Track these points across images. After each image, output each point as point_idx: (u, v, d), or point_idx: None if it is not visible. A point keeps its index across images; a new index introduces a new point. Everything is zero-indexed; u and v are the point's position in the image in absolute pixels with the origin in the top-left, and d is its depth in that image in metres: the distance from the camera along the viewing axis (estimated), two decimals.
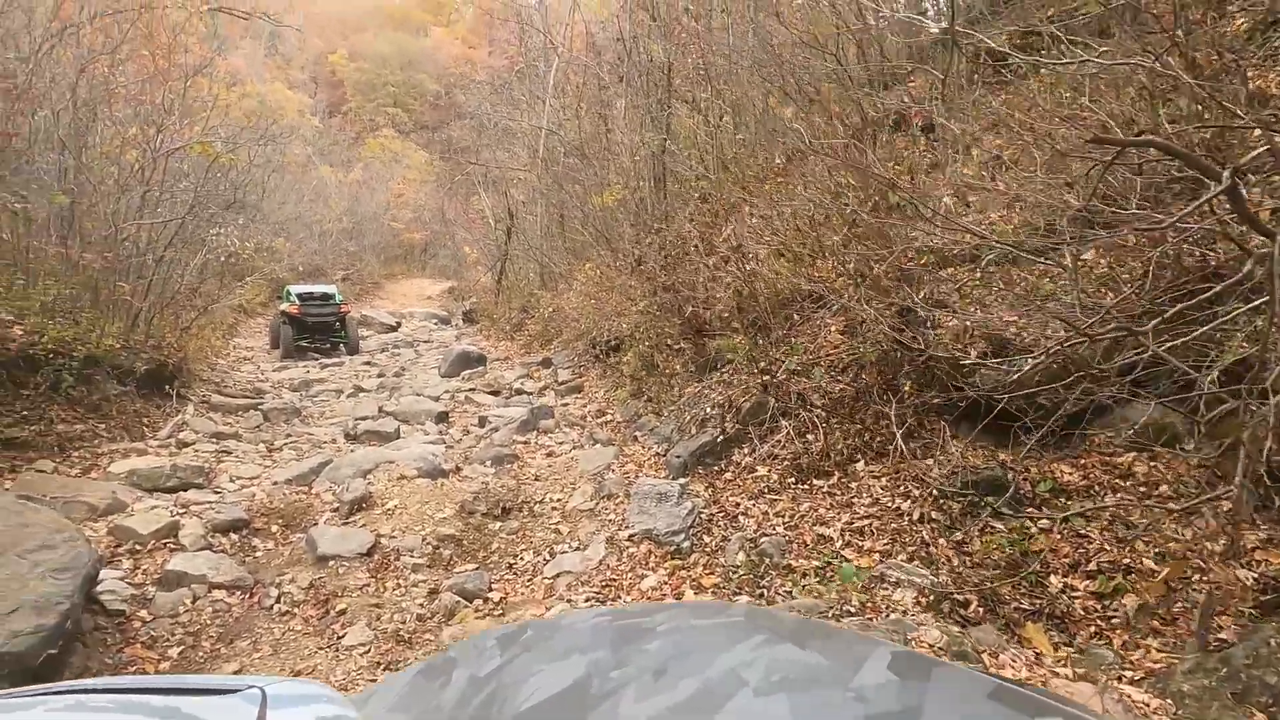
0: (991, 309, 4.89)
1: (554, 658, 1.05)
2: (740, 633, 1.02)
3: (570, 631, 1.14)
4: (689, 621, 1.10)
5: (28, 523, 3.83)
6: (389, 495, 5.92)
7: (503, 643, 1.17)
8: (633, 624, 1.11)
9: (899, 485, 4.66)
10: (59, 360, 7.39)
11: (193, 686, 1.16)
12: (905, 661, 0.92)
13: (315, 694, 1.14)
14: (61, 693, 1.06)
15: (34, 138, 8.96)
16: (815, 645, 0.98)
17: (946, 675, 0.89)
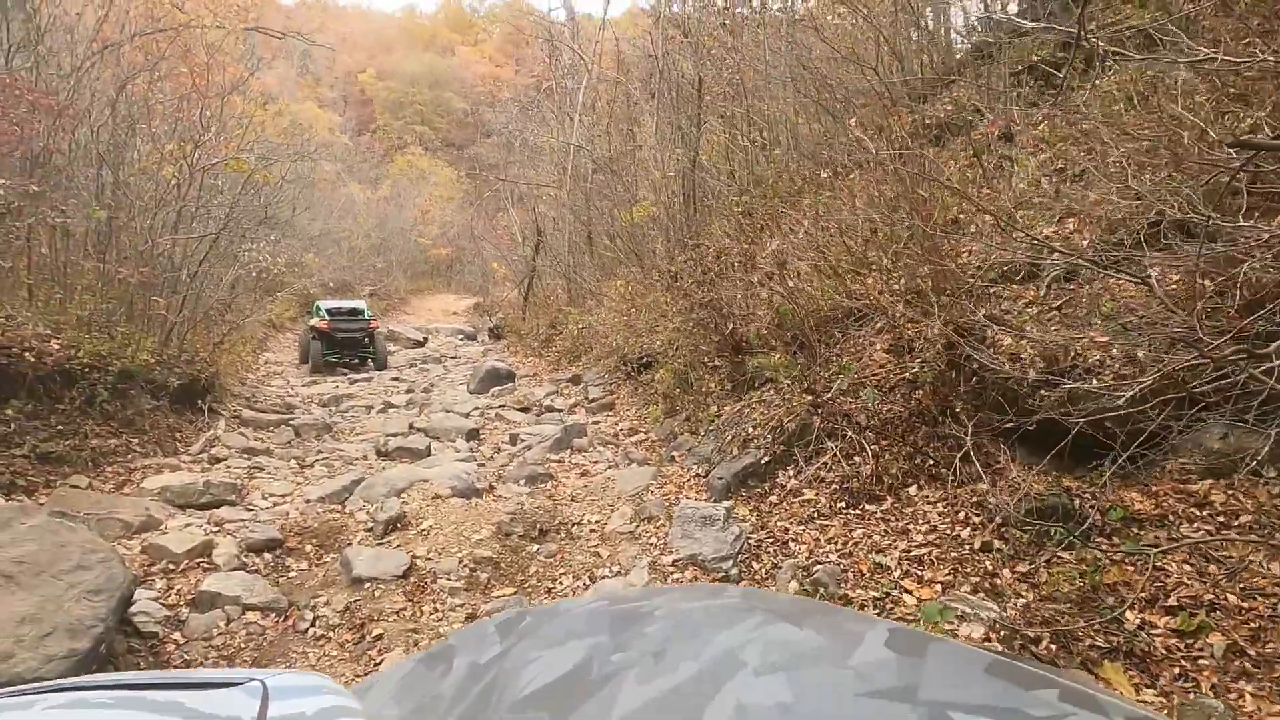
0: (1055, 326, 4.68)
1: (553, 643, 1.06)
2: (738, 614, 1.03)
3: (569, 617, 1.14)
4: (686, 604, 1.11)
5: (64, 542, 3.74)
6: (424, 515, 5.79)
7: (502, 630, 1.18)
8: (631, 608, 1.11)
9: (957, 511, 4.45)
10: (94, 374, 7.39)
11: (193, 681, 1.13)
12: (902, 638, 0.92)
13: (316, 685, 1.11)
14: (61, 690, 1.03)
15: (74, 153, 9.04)
16: (813, 624, 0.98)
17: (943, 650, 0.89)
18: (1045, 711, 0.76)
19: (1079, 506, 4.13)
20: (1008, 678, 0.83)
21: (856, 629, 0.96)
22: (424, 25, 59.84)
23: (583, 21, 24.65)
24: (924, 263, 5.36)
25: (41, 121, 7.96)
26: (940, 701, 0.77)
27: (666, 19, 14.92)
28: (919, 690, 0.79)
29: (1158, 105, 4.12)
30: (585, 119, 19.86)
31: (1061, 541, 4.00)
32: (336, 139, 36.12)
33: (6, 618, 3.34)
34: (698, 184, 12.16)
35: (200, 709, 0.96)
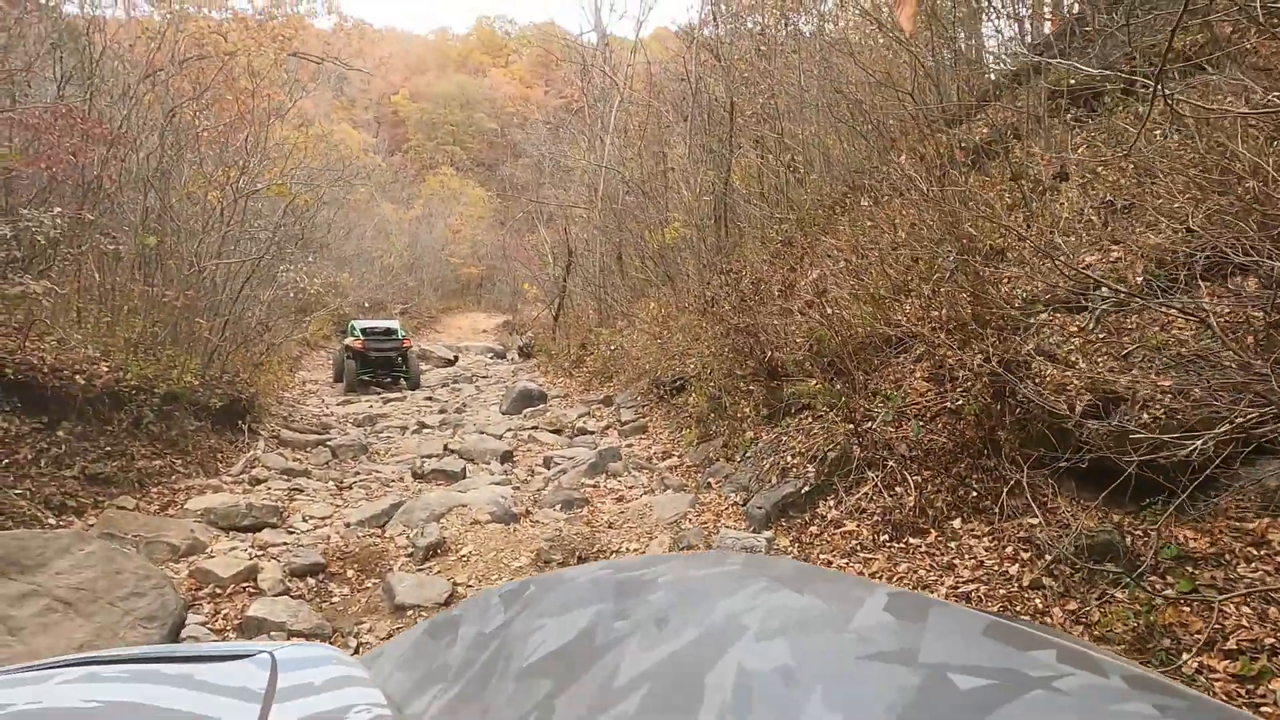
0: (1102, 359, 4.62)
1: (558, 612, 1.07)
2: (740, 581, 1.04)
3: (572, 586, 1.15)
4: (689, 572, 1.12)
5: (120, 569, 3.82)
6: (463, 541, 5.82)
7: (506, 599, 1.19)
8: (634, 576, 1.12)
9: (1004, 546, 4.39)
10: (141, 396, 7.55)
11: (203, 654, 1.16)
12: (902, 602, 0.93)
13: (325, 656, 1.14)
14: (73, 664, 1.04)
15: (123, 180, 9.29)
16: (814, 590, 0.99)
17: (942, 613, 0.91)
18: (1043, 671, 0.77)
19: (1131, 544, 4.06)
20: (1006, 639, 0.84)
21: (857, 594, 0.97)
22: (456, 47, 60.81)
23: (614, 44, 24.91)
24: (966, 291, 5.33)
25: (94, 150, 8.19)
26: (939, 664, 0.78)
27: (699, 42, 15.04)
28: (919, 653, 0.80)
29: (1209, 137, 4.08)
30: (616, 140, 20.03)
31: (1114, 580, 3.93)
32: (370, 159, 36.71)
33: (66, 645, 3.41)
34: (730, 207, 12.20)
35: (210, 680, 0.98)
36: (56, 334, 7.49)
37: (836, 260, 6.65)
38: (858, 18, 11.75)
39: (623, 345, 13.85)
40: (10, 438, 6.31)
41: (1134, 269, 4.47)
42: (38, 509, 6.00)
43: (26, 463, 6.28)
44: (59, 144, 7.72)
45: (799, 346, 7.01)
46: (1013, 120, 8.45)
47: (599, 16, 30.45)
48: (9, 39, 8.83)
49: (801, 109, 11.53)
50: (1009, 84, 9.57)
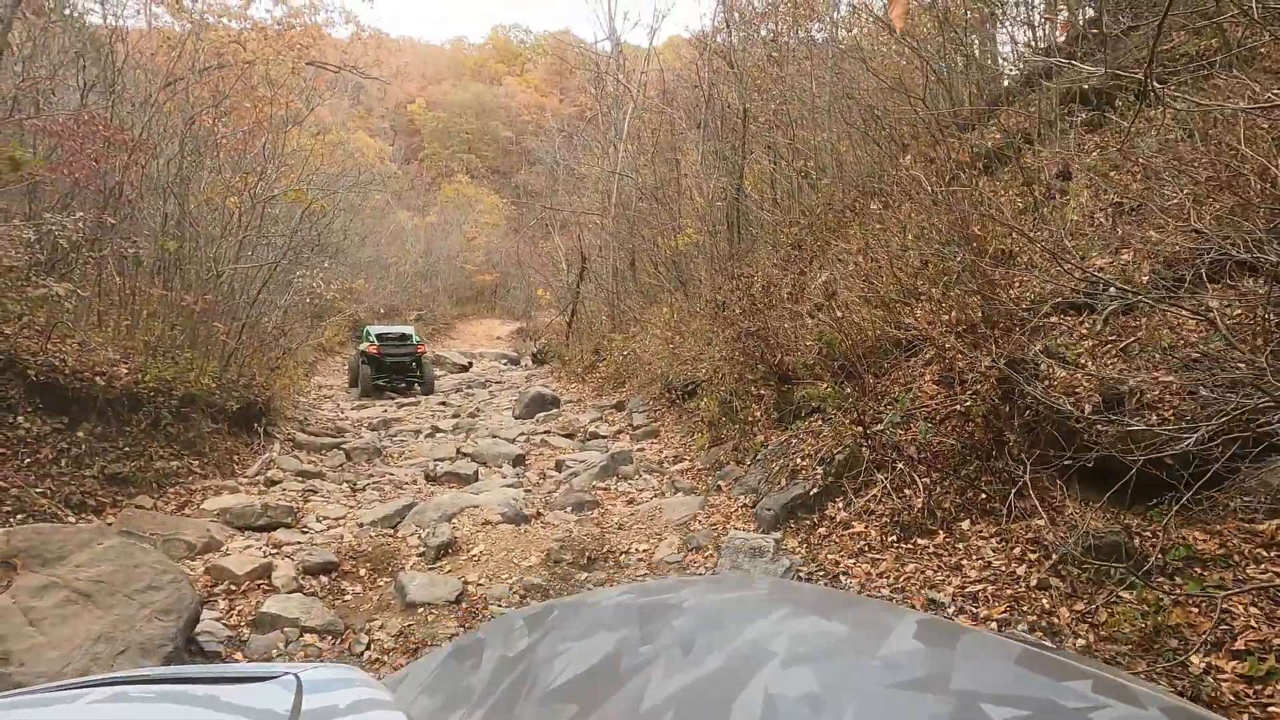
0: (1112, 361, 4.62)
1: (581, 635, 1.06)
2: (765, 606, 1.03)
3: (596, 609, 1.14)
4: (713, 596, 1.11)
5: (137, 563, 3.89)
6: (474, 541, 5.88)
7: (530, 623, 1.19)
8: (658, 600, 1.11)
9: (1012, 547, 4.39)
10: (159, 399, 7.66)
11: (230, 675, 1.17)
12: (932, 629, 0.91)
13: (349, 678, 1.15)
14: (103, 684, 1.06)
15: (144, 186, 9.45)
16: (840, 615, 0.98)
17: (973, 641, 0.89)
18: (1078, 702, 0.75)
19: (1139, 545, 4.05)
20: (1040, 669, 0.82)
21: (885, 620, 0.96)
22: (472, 56, 61.28)
23: (627, 51, 25.05)
24: (975, 294, 5.34)
25: (116, 156, 8.34)
26: (971, 692, 0.77)
27: (712, 49, 15.12)
28: (949, 680, 0.79)
29: (1217, 139, 4.08)
30: (629, 147, 20.13)
31: (1121, 581, 3.93)
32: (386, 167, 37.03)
33: (85, 636, 3.48)
34: (742, 212, 12.24)
35: (236, 702, 1.00)
36: (78, 336, 7.63)
37: (846, 264, 6.67)
38: (870, 25, 11.79)
39: (635, 351, 13.90)
40: (32, 437, 6.43)
41: (1141, 269, 4.48)
42: (58, 507, 6.11)
43: (47, 462, 6.40)
44: (82, 150, 7.87)
45: (809, 350, 7.03)
46: (1024, 125, 8.46)
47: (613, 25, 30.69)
48: (34, 49, 9.02)
49: (814, 115, 11.57)
50: (1021, 89, 9.57)
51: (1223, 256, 3.69)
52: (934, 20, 9.53)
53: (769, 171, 12.46)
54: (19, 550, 3.68)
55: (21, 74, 8.40)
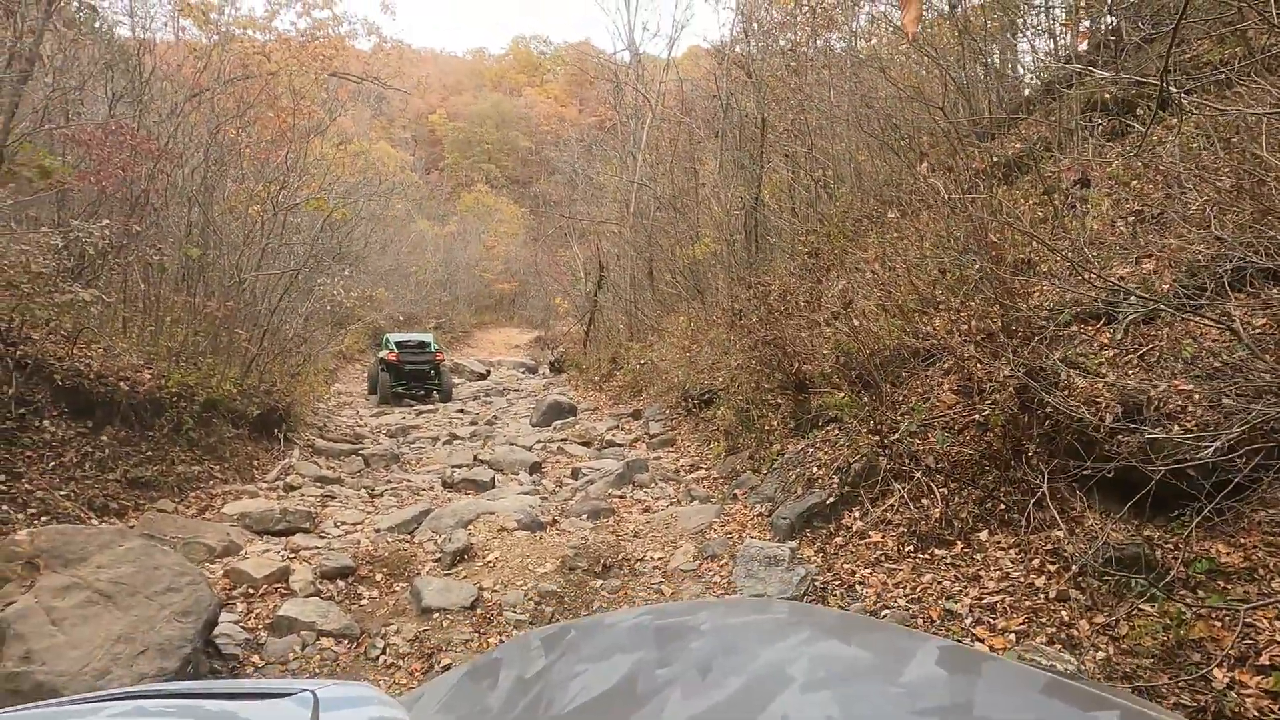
0: (1133, 370, 4.57)
1: (598, 657, 1.05)
2: (784, 629, 1.02)
3: (613, 631, 1.13)
4: (732, 619, 1.09)
5: (157, 565, 3.94)
6: (490, 547, 5.89)
7: (547, 644, 1.18)
8: (676, 623, 1.10)
9: (1031, 558, 4.34)
10: (182, 404, 7.77)
11: (247, 691, 1.18)
12: (954, 656, 0.90)
13: (366, 696, 1.15)
14: (121, 698, 1.07)
15: (169, 194, 9.60)
16: (861, 640, 0.97)
17: (997, 669, 0.87)
18: None
19: (1160, 557, 3.99)
20: (1067, 698, 0.81)
21: (907, 645, 0.95)
22: (492, 67, 61.81)
23: (646, 62, 25.17)
24: (994, 303, 5.30)
25: (142, 165, 8.49)
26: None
27: (731, 59, 15.15)
28: (972, 709, 0.77)
29: (1239, 147, 4.04)
30: (648, 157, 20.20)
31: (1143, 593, 3.87)
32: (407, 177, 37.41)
33: (105, 636, 3.53)
34: (760, 221, 12.23)
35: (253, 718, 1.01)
36: (103, 342, 7.75)
37: (863, 272, 6.65)
38: (889, 34, 11.78)
39: (652, 359, 13.90)
40: (57, 441, 6.54)
41: (1162, 278, 4.43)
42: (81, 510, 6.21)
43: (72, 465, 6.50)
44: (109, 159, 8.01)
45: (826, 359, 7.00)
46: (1045, 134, 8.40)
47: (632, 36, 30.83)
48: (65, 59, 9.20)
49: (832, 124, 11.56)
50: (1041, 97, 9.51)
51: (1245, 264, 3.64)
52: (954, 29, 9.51)
53: (787, 181, 12.45)
54: (42, 550, 3.74)
55: (52, 84, 8.57)
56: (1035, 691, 0.82)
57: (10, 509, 5.72)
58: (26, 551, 3.72)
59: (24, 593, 3.60)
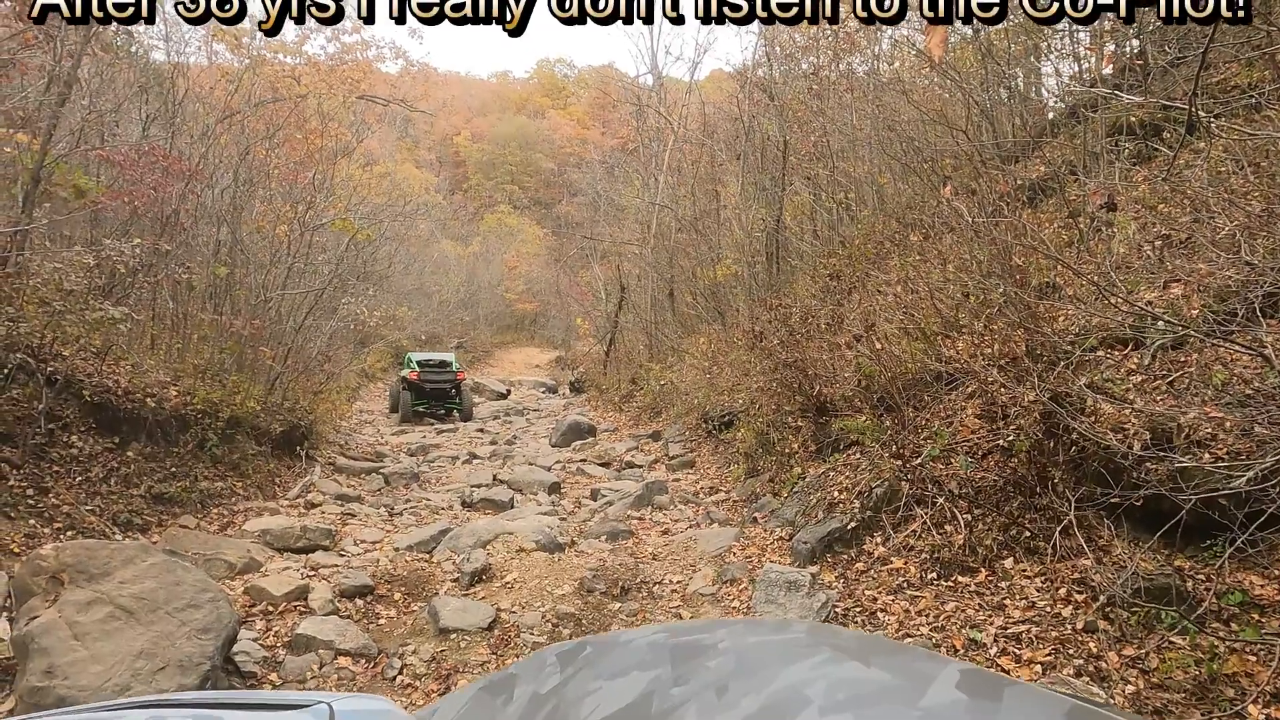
0: (1161, 397, 4.49)
1: (614, 674, 1.04)
2: (803, 650, 1.00)
3: (629, 648, 1.12)
4: (750, 639, 1.08)
5: (179, 581, 3.97)
6: (508, 568, 5.88)
7: (563, 660, 1.17)
8: (692, 641, 1.09)
9: (1057, 588, 4.26)
10: (206, 420, 7.85)
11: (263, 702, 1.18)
12: (975, 680, 0.89)
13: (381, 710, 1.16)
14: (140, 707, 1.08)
15: (199, 214, 9.78)
16: (881, 662, 0.95)
17: (1019, 694, 0.86)
18: None
19: (1191, 588, 3.90)
20: None
21: (927, 669, 0.93)
22: (516, 90, 62.57)
23: (669, 85, 25.37)
24: (1018, 327, 5.25)
25: (173, 185, 8.66)
26: None
27: (753, 82, 15.24)
28: None
29: (1270, 171, 3.99)
30: (670, 179, 20.30)
31: (1173, 625, 3.78)
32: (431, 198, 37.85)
33: (126, 651, 3.55)
34: (781, 243, 12.23)
35: None
36: (131, 358, 7.87)
37: (886, 295, 6.61)
38: (912, 58, 11.80)
39: (673, 381, 13.88)
40: (84, 456, 6.63)
41: (1191, 303, 4.36)
42: (106, 525, 6.28)
43: (98, 480, 6.58)
44: (142, 180, 8.19)
45: (848, 382, 6.95)
46: (1070, 158, 8.35)
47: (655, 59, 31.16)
48: (101, 83, 9.44)
49: (854, 147, 11.57)
50: (1066, 121, 9.46)
51: (1276, 290, 3.58)
52: (977, 53, 9.51)
53: (808, 203, 12.46)
54: (67, 565, 3.78)
55: (89, 106, 8.78)
56: (1059, 717, 0.81)
57: (37, 523, 5.80)
58: (52, 566, 3.76)
59: (48, 607, 3.63)
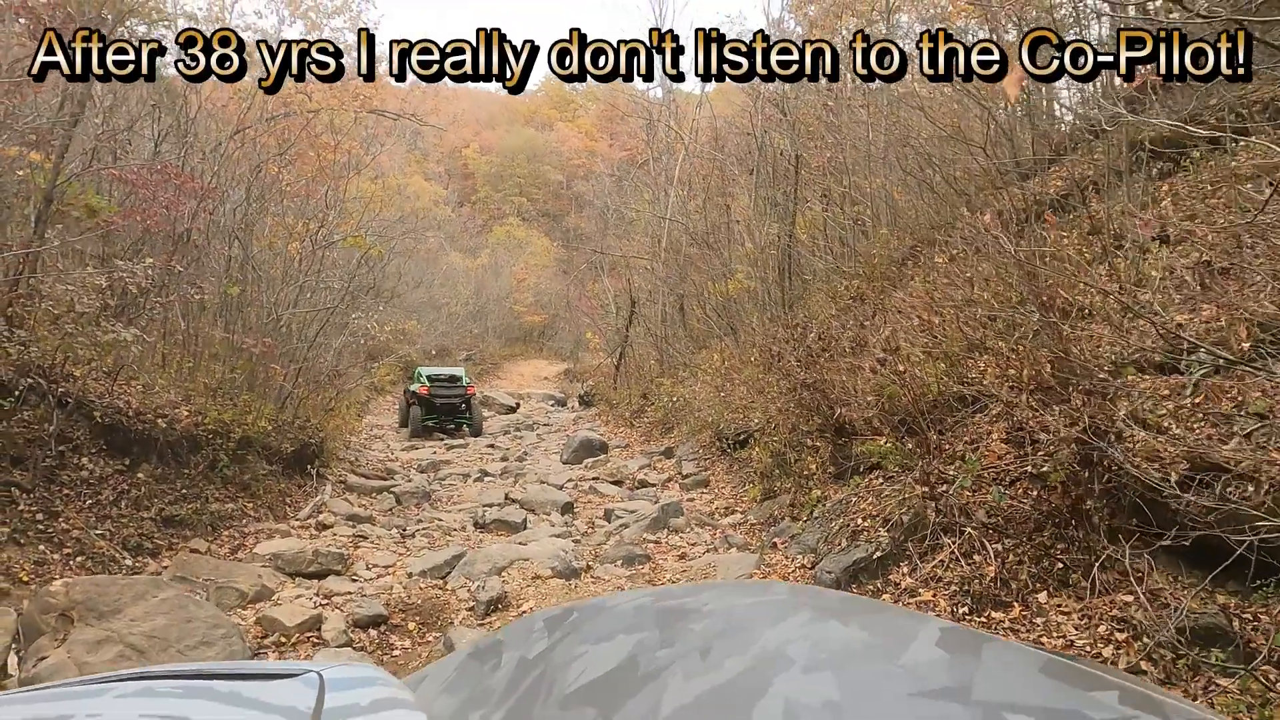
0: (1199, 425, 4.36)
1: (600, 639, 1.06)
2: (785, 611, 1.03)
3: (615, 613, 1.14)
4: (733, 601, 1.10)
5: (191, 617, 3.87)
6: (524, 596, 5.76)
7: (550, 625, 1.19)
8: (677, 604, 1.11)
9: (1095, 625, 4.11)
10: (218, 441, 7.77)
11: (254, 672, 1.18)
12: (955, 637, 0.91)
13: (371, 677, 1.15)
14: (128, 679, 1.07)
15: (211, 231, 9.73)
16: (861, 622, 0.97)
17: (997, 650, 0.88)
18: (1105, 714, 0.75)
19: (1240, 629, 3.75)
20: (1065, 678, 0.81)
21: (907, 627, 0.95)
22: (525, 103, 62.74)
23: (679, 98, 25.36)
24: (1046, 349, 5.12)
25: (186, 203, 8.61)
26: (994, 702, 0.76)
27: (764, 97, 15.18)
28: (972, 690, 0.78)
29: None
30: (680, 192, 20.24)
31: (1223, 668, 3.63)
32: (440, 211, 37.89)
33: None
34: (794, 259, 12.13)
35: (260, 698, 1.02)
36: (142, 378, 7.80)
37: (910, 317, 6.49)
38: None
39: (684, 396, 13.76)
40: (95, 478, 6.55)
41: (1237, 333, 4.23)
42: (116, 549, 6.18)
43: (108, 503, 6.50)
44: (154, 198, 8.13)
45: (868, 404, 6.82)
46: (1090, 174, 8.23)
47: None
48: (114, 100, 9.42)
49: (869, 162, 11.47)
50: (1086, 137, 9.34)
51: None
52: None
53: (821, 218, 12.36)
54: (76, 603, 3.68)
55: (102, 124, 8.75)
56: (1035, 672, 0.83)
57: (47, 549, 5.71)
58: (61, 603, 3.66)
59: (57, 646, 3.53)
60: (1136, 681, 0.91)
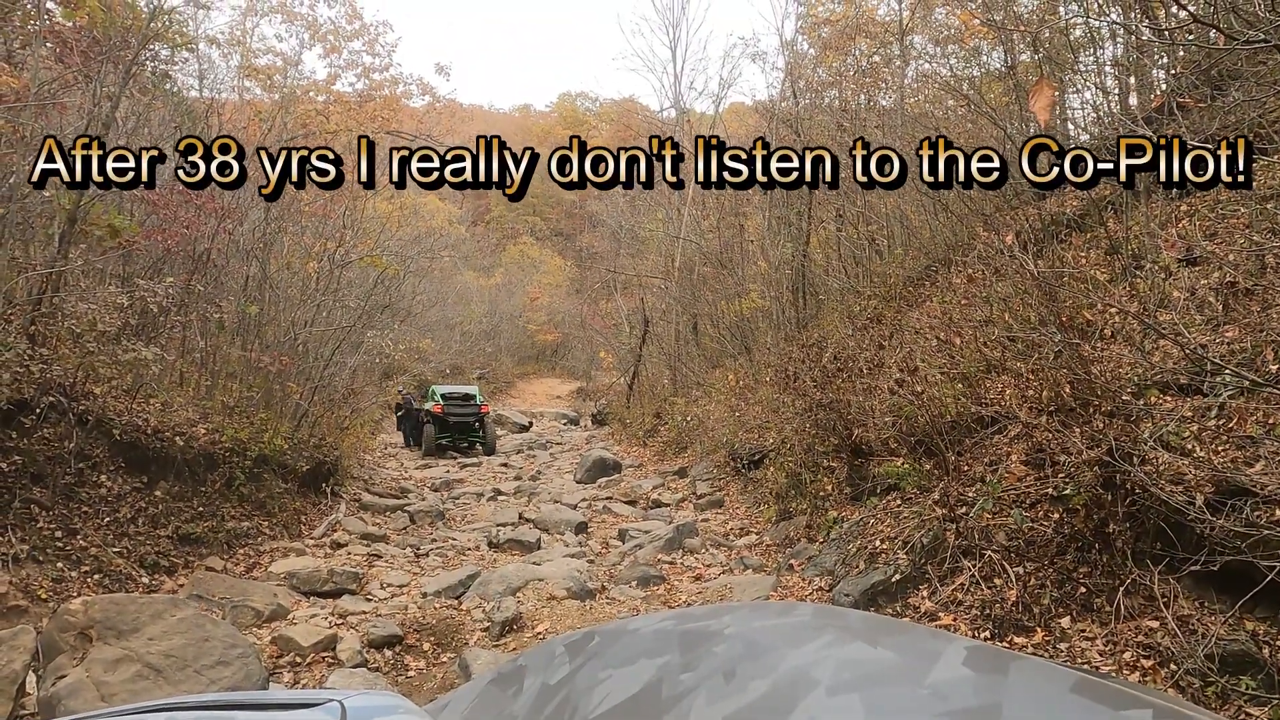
0: (1223, 447, 4.30)
1: (623, 663, 1.04)
2: (809, 632, 1.01)
3: (637, 636, 1.13)
4: (755, 622, 1.08)
5: (207, 636, 3.86)
6: (539, 617, 5.73)
7: (571, 650, 1.17)
8: (699, 627, 1.09)
9: (1121, 651, 4.04)
10: (234, 459, 7.80)
11: (276, 701, 1.16)
12: (981, 656, 0.88)
13: (392, 705, 1.13)
14: (152, 710, 1.06)
15: (230, 250, 9.83)
16: (887, 642, 0.96)
17: (1026, 669, 0.86)
18: None
19: (1270, 655, 3.68)
20: (1097, 698, 0.79)
21: (933, 647, 0.93)
22: (538, 123, 63.26)
23: (692, 118, 25.49)
24: (1066, 369, 5.07)
25: (206, 223, 8.70)
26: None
27: (777, 117, 15.25)
28: (1001, 710, 0.76)
29: None
30: (693, 212, 20.30)
31: (1253, 696, 3.56)
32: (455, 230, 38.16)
33: None
34: (808, 278, 12.12)
35: None
36: (161, 396, 7.85)
37: (928, 337, 6.46)
38: (940, 91, 11.73)
39: (698, 415, 13.73)
40: (113, 496, 6.58)
41: (1263, 355, 4.18)
42: (133, 567, 6.20)
43: (125, 521, 6.52)
44: (175, 218, 8.23)
45: (885, 424, 6.78)
46: (1108, 193, 8.20)
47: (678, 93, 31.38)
48: (137, 122, 9.56)
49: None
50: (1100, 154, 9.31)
51: None
52: (1009, 87, 9.43)
53: (835, 238, 12.36)
54: (95, 621, 3.68)
55: (125, 146, 8.87)
56: (1065, 691, 0.81)
57: (65, 566, 5.73)
58: (80, 622, 3.67)
59: (76, 665, 3.53)
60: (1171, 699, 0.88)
